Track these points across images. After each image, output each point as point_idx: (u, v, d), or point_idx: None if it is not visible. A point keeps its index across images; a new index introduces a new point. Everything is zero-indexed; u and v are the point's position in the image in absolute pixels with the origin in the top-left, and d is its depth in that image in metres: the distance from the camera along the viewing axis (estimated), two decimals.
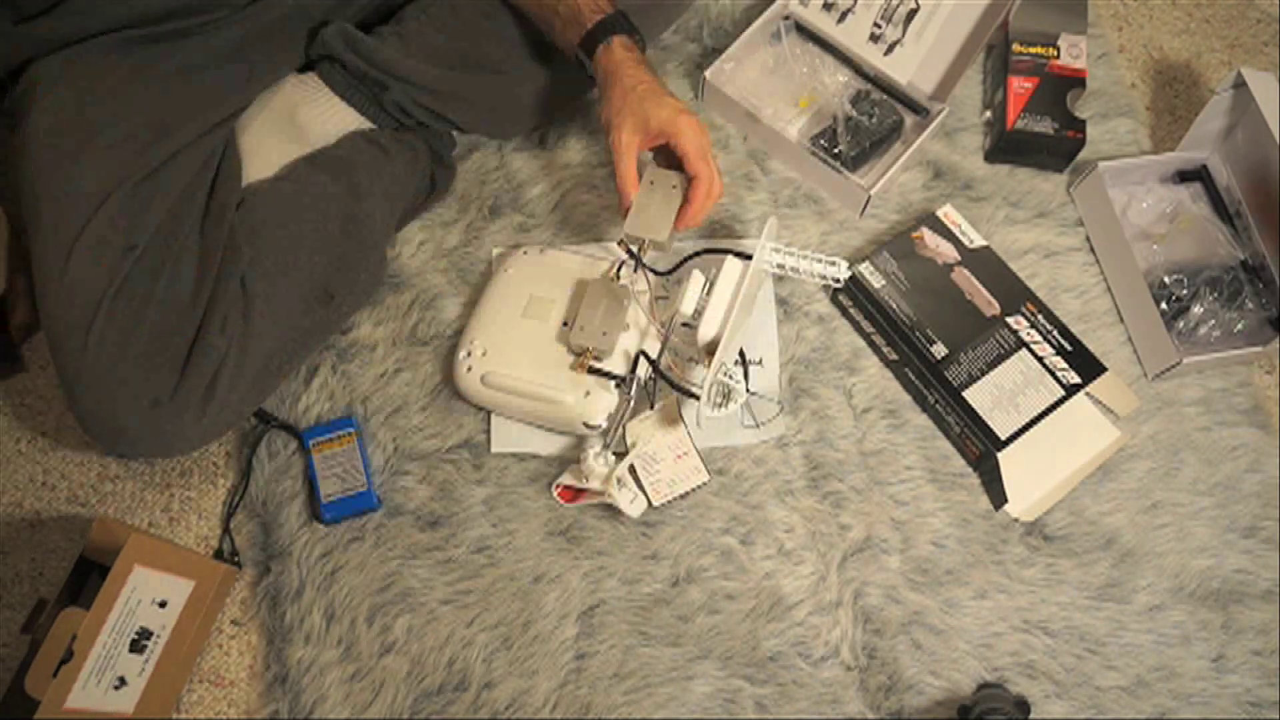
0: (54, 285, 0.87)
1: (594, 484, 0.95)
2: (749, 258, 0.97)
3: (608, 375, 0.97)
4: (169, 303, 0.89)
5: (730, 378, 0.93)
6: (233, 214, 0.94)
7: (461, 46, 1.04)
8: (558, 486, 0.98)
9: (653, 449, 0.99)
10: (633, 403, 0.97)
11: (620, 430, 0.97)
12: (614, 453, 0.96)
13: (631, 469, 0.97)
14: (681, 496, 0.99)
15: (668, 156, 0.96)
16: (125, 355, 0.87)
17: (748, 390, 1.00)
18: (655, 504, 0.98)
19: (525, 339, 0.99)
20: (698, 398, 0.92)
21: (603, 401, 0.96)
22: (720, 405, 0.93)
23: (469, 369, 0.99)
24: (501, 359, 0.98)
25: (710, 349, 0.94)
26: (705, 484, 0.99)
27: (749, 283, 0.94)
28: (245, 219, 0.94)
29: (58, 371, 0.88)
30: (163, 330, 0.89)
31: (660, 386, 0.99)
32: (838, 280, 1.02)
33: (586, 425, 0.97)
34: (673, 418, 1.00)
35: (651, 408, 0.99)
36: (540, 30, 1.02)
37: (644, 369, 0.97)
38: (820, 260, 1.00)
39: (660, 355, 0.96)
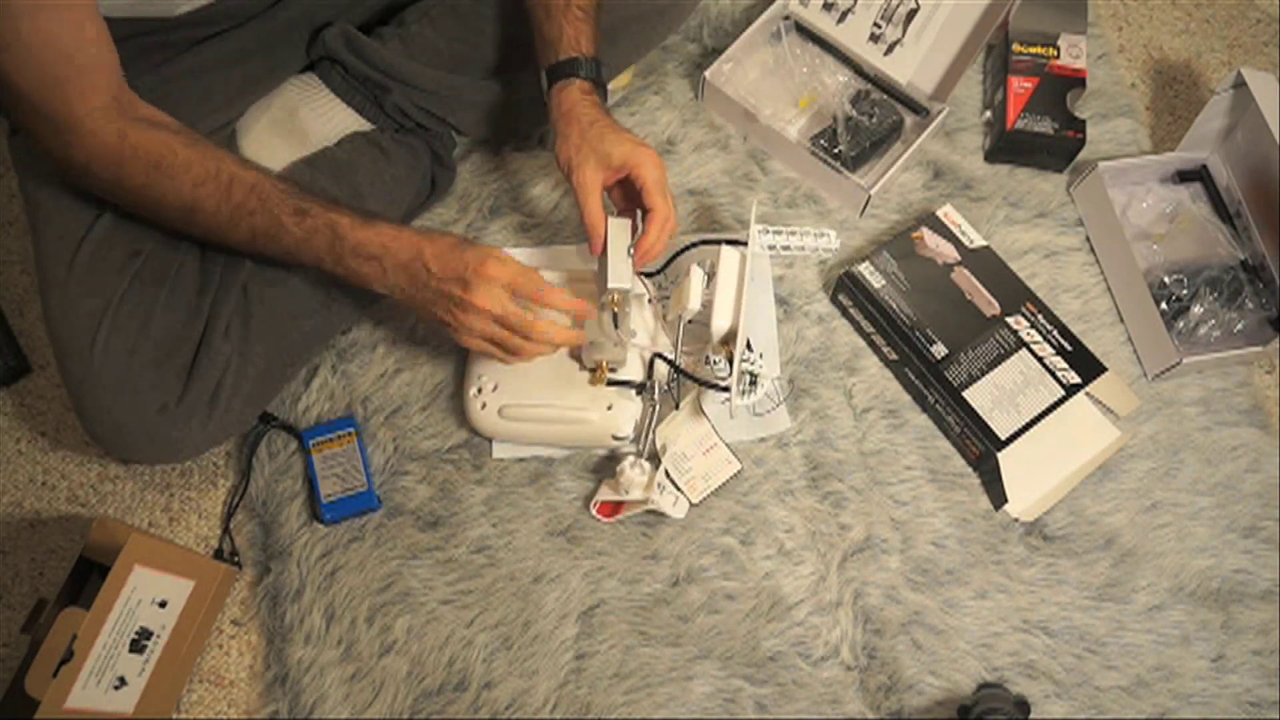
0: (59, 292, 0.87)
1: (635, 494, 0.94)
2: (732, 243, 0.97)
3: (627, 384, 0.96)
4: (174, 309, 0.89)
5: (751, 363, 0.94)
6: None
7: (462, 50, 1.03)
8: (596, 504, 0.98)
9: (681, 448, 0.99)
10: (658, 407, 0.97)
11: (650, 436, 0.97)
12: (645, 459, 0.96)
13: (665, 471, 0.97)
14: (716, 490, 0.99)
15: (626, 191, 0.95)
16: (133, 362, 0.87)
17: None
18: (695, 502, 0.98)
19: (535, 363, 0.95)
20: (725, 389, 0.92)
21: (627, 411, 0.96)
22: (748, 392, 0.94)
23: (483, 405, 0.97)
24: (515, 388, 0.96)
25: (726, 339, 0.94)
26: (739, 473, 0.99)
27: (749, 268, 0.94)
28: None
29: (63, 378, 0.88)
30: (169, 337, 0.89)
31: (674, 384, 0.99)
32: (830, 250, 1.03)
33: (615, 438, 0.97)
34: (696, 414, 1.00)
35: (677, 408, 0.99)
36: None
37: (661, 371, 0.97)
38: (810, 234, 1.04)
39: (677, 354, 0.96)
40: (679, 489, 0.98)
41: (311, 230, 0.85)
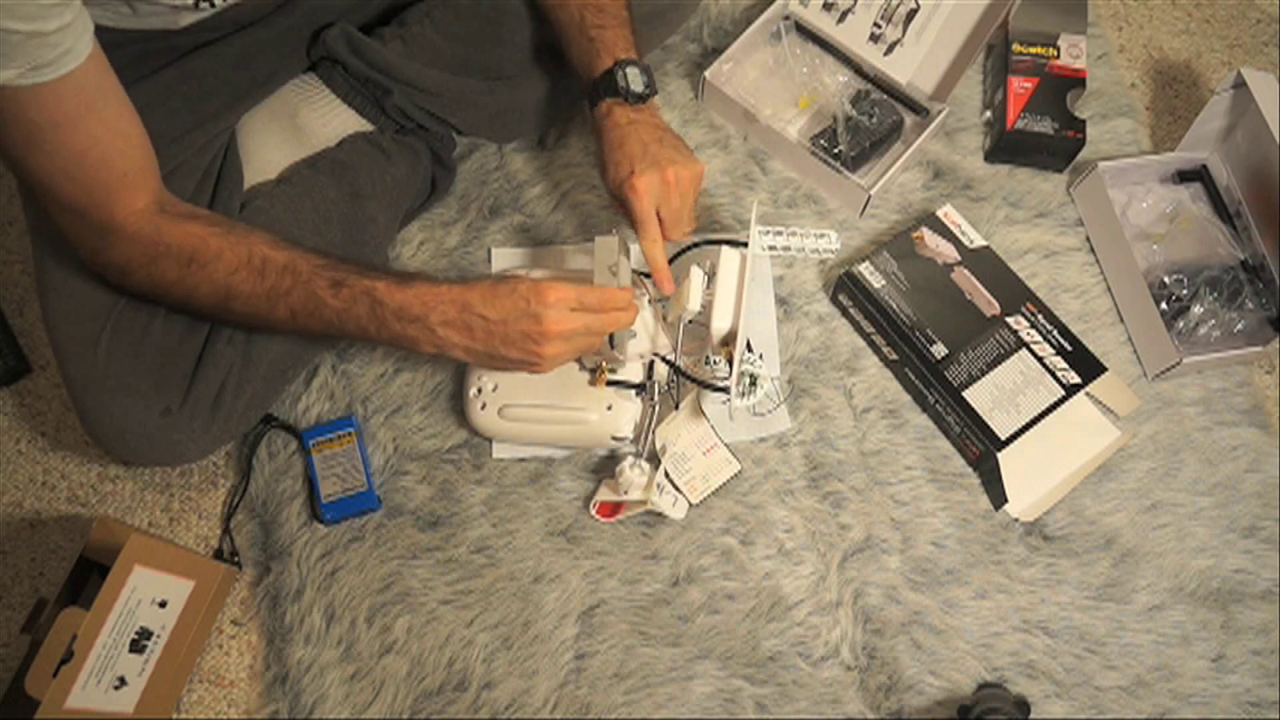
0: (61, 296, 0.87)
1: (635, 495, 0.95)
2: (732, 243, 0.98)
3: (627, 385, 0.96)
4: (177, 313, 0.89)
5: (752, 364, 0.94)
6: (236, 218, 0.94)
7: (464, 51, 1.03)
8: (596, 504, 0.98)
9: (680, 449, 0.99)
10: (657, 408, 0.97)
11: (650, 437, 0.97)
12: (645, 460, 0.96)
13: (665, 472, 0.97)
14: (716, 490, 0.99)
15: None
16: (136, 366, 0.87)
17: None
18: (695, 502, 0.98)
19: None
20: (725, 390, 0.92)
21: (627, 412, 0.96)
22: (748, 393, 0.94)
23: (483, 406, 0.97)
24: (515, 389, 0.96)
25: (726, 340, 0.94)
26: (739, 473, 1.00)
27: (749, 269, 0.95)
28: (248, 224, 0.94)
29: (65, 382, 0.88)
30: (171, 341, 0.89)
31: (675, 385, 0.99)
32: (831, 251, 1.04)
33: (614, 439, 0.97)
34: (696, 415, 1.00)
35: (676, 408, 0.99)
36: (552, 41, 1.03)
37: (661, 372, 0.97)
38: (810, 234, 1.04)
39: (677, 355, 0.96)
40: (678, 489, 0.98)
41: (350, 300, 0.83)
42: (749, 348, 1.02)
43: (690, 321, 0.97)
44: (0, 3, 0.62)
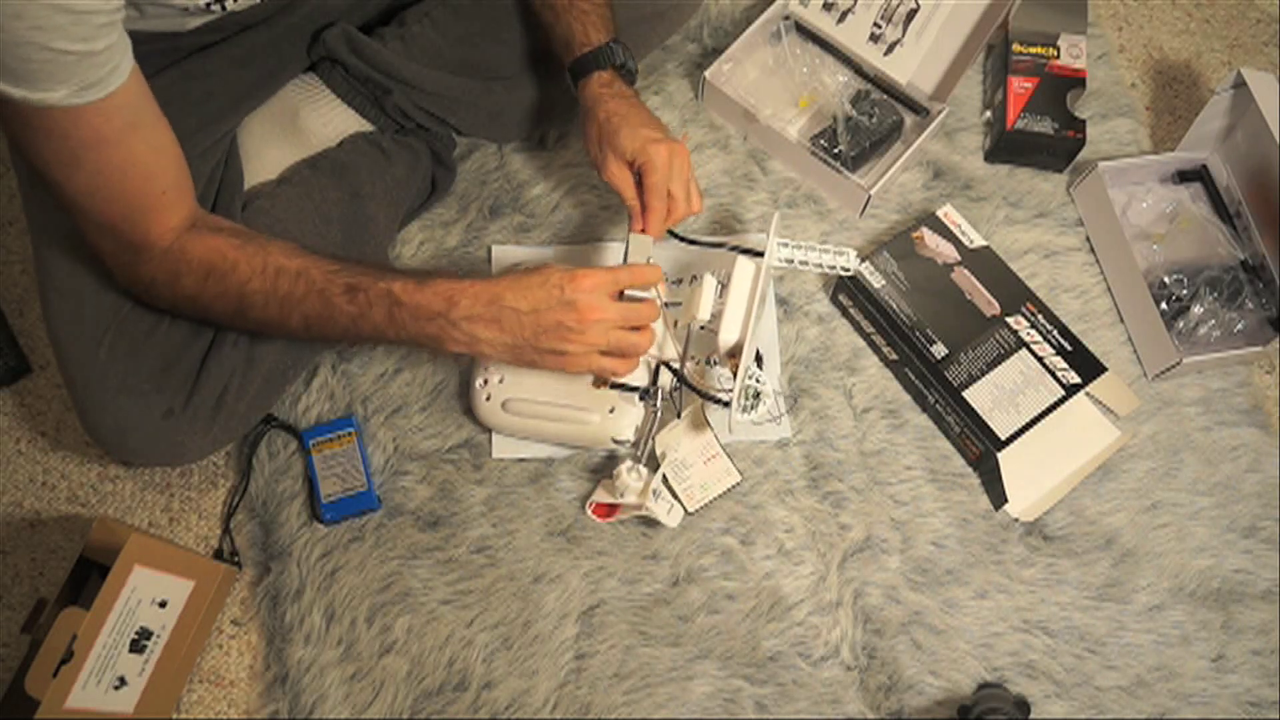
0: (64, 297, 0.87)
1: (630, 499, 0.94)
2: (750, 252, 0.97)
3: (631, 389, 0.96)
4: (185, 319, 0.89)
5: (756, 380, 0.93)
6: (238, 219, 0.94)
7: (463, 51, 1.04)
8: (592, 504, 0.98)
9: (682, 455, 0.99)
10: (660, 414, 0.97)
11: (650, 443, 0.97)
12: (643, 465, 0.96)
13: (664, 478, 0.97)
14: (715, 500, 0.99)
15: None
16: (138, 368, 0.87)
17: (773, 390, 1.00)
18: (691, 510, 0.98)
19: None
20: (725, 404, 0.92)
21: (629, 416, 0.96)
22: (750, 408, 0.93)
23: (488, 397, 0.97)
24: (521, 384, 0.96)
25: (733, 353, 0.93)
26: (738, 484, 0.99)
27: (762, 281, 0.94)
28: (248, 224, 0.94)
29: (66, 383, 0.88)
30: (176, 343, 0.89)
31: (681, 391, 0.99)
32: (847, 270, 1.03)
33: (615, 441, 0.97)
34: (699, 423, 1.00)
35: (679, 416, 0.99)
36: (544, 39, 1.02)
37: (666, 378, 0.97)
38: (829, 251, 1.03)
39: (683, 364, 0.96)
40: (675, 496, 0.98)
41: (366, 305, 0.82)
42: (758, 364, 1.02)
43: (701, 328, 0.96)
44: (52, 24, 0.62)
